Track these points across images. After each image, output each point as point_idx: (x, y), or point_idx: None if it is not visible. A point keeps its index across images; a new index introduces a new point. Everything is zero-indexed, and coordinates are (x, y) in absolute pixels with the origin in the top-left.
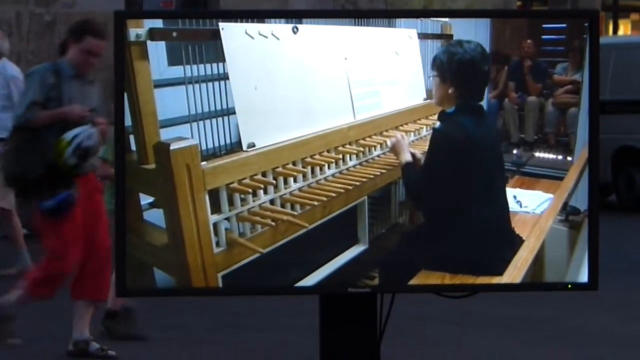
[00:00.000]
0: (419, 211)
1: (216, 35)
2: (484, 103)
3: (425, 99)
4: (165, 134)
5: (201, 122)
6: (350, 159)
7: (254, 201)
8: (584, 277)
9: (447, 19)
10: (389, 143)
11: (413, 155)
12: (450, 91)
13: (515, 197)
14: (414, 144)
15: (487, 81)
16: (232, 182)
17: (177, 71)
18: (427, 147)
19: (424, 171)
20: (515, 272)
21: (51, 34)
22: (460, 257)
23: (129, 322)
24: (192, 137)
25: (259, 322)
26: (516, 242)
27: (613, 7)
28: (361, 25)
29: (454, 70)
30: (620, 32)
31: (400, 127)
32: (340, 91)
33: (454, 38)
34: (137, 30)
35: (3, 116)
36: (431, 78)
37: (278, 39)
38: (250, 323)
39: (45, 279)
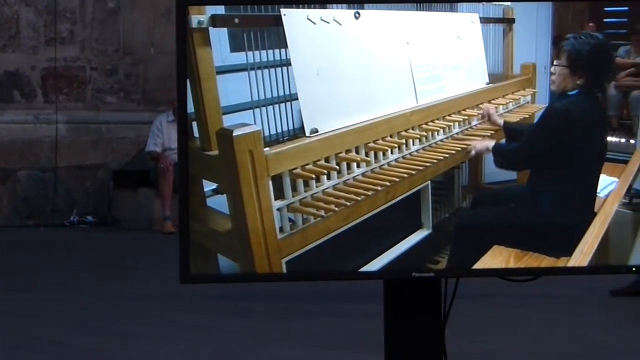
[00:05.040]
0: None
1: (278, 21)
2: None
3: (488, 83)
4: (228, 121)
5: (264, 108)
6: (413, 144)
7: (317, 187)
8: None
9: (509, 3)
10: (484, 111)
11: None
12: (579, 82)
13: None
14: (477, 127)
15: (613, 73)
16: (295, 168)
17: (240, 57)
18: (534, 121)
19: (525, 144)
20: (581, 257)
21: (115, 21)
22: (535, 235)
23: None
24: (255, 123)
25: (323, 307)
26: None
27: None
28: (423, 10)
29: (587, 63)
30: None
31: (463, 112)
32: (402, 76)
33: (516, 22)
34: (199, 16)
35: None
36: (556, 67)
37: (340, 24)
38: (313, 309)
39: None
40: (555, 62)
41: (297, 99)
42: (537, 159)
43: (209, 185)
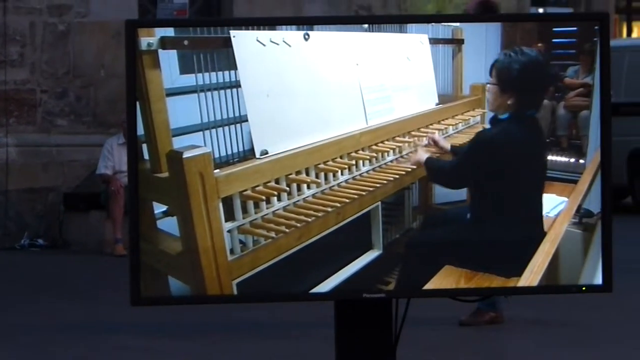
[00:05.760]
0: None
1: (227, 43)
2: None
3: (438, 104)
4: (177, 143)
5: (214, 130)
6: (363, 165)
7: (267, 208)
8: (598, 279)
9: (458, 24)
10: (428, 139)
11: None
12: (509, 102)
13: None
14: (427, 147)
15: (547, 92)
16: (245, 190)
17: (189, 79)
18: (468, 144)
19: (456, 166)
20: (531, 276)
21: (65, 44)
22: (483, 255)
23: None
24: (205, 145)
25: (274, 329)
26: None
27: (627, 10)
28: (372, 31)
29: (517, 81)
30: (635, 34)
31: (413, 133)
32: (352, 97)
33: (465, 43)
34: (148, 39)
35: None
36: (488, 86)
37: (290, 46)
38: (265, 331)
39: None
40: (488, 81)
41: (247, 120)
42: (468, 181)
43: (159, 208)
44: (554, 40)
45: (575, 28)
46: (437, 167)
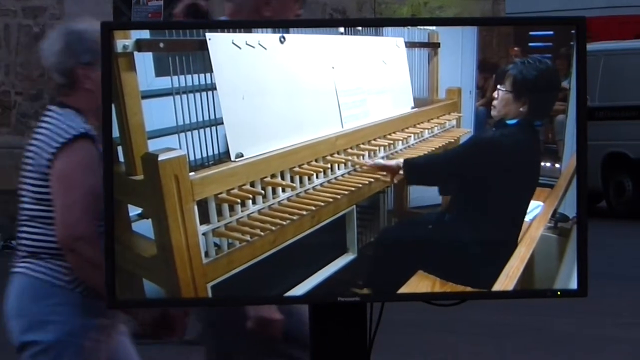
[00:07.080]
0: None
1: (203, 45)
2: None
3: (413, 108)
4: (153, 145)
5: (189, 133)
6: (338, 168)
7: (242, 211)
8: (573, 284)
9: (434, 27)
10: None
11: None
12: (521, 109)
13: None
14: (403, 152)
15: (555, 103)
16: (220, 193)
17: (165, 82)
18: (461, 144)
19: (449, 164)
20: (506, 280)
21: (40, 46)
22: (456, 265)
23: None
24: (180, 147)
25: None
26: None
27: None
28: (348, 34)
29: (533, 89)
30: None
31: (388, 136)
32: (327, 100)
33: (441, 46)
34: (124, 41)
35: None
36: (501, 91)
37: (265, 48)
38: None
39: None
40: (498, 87)
41: (222, 123)
42: (460, 182)
43: (134, 210)
44: (530, 44)
45: (551, 32)
46: (420, 164)
